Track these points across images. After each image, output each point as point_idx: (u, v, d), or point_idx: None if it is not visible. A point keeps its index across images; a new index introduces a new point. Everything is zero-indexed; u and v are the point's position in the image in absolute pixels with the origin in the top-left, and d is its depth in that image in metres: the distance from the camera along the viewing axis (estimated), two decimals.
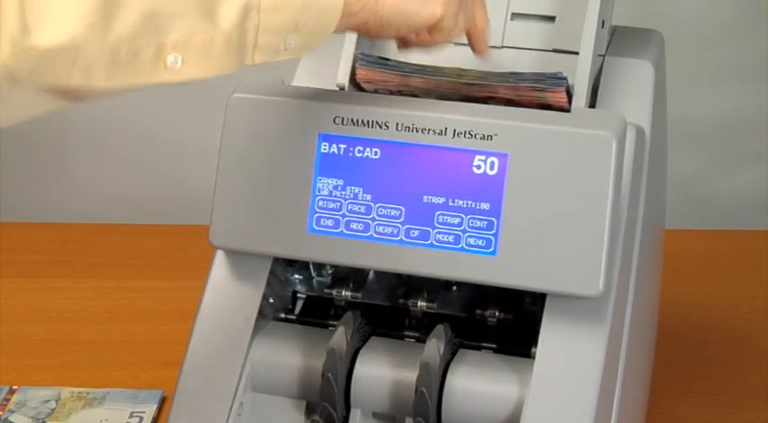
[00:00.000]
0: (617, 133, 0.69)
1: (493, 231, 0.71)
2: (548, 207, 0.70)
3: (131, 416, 1.00)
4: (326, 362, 0.72)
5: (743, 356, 1.05)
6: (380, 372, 0.73)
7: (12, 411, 1.00)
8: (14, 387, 1.03)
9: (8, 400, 1.02)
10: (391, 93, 0.75)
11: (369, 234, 0.72)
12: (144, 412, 1.00)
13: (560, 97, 0.72)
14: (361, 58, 0.74)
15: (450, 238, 0.71)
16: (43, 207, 1.39)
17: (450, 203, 0.71)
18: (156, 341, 1.08)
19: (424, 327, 0.77)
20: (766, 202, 1.36)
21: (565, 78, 0.71)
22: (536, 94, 0.72)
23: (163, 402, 1.01)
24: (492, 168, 0.71)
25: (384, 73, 0.74)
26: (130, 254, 1.25)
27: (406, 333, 0.77)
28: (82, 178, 1.39)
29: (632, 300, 0.75)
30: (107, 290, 1.18)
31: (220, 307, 0.75)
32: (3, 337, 1.11)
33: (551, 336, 0.71)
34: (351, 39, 0.76)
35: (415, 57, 0.73)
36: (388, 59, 0.74)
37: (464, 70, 0.74)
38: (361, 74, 0.75)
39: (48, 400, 1.02)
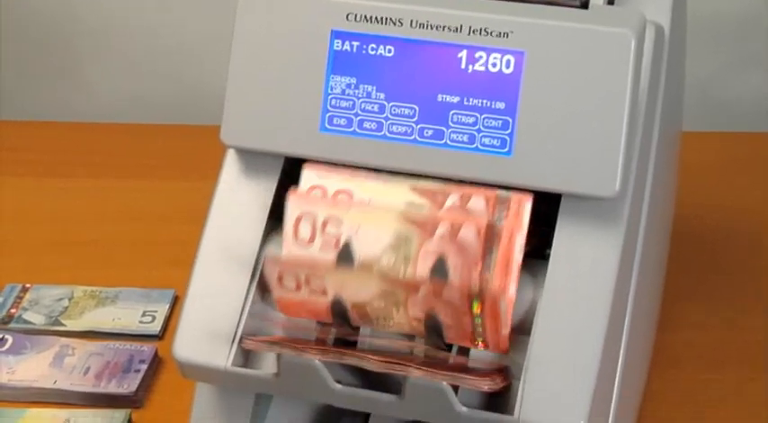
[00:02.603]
0: (636, 31, 0.68)
1: (508, 131, 0.70)
2: (564, 106, 0.69)
3: (144, 315, 1.00)
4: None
5: (756, 261, 1.04)
6: None
7: (25, 309, 1.01)
8: (27, 285, 1.03)
9: (21, 298, 1.02)
10: None
11: (382, 133, 0.72)
12: (156, 311, 1.00)
13: None
14: None
15: (465, 138, 0.71)
16: (50, 107, 1.38)
17: (465, 102, 0.71)
18: (166, 241, 1.08)
19: None
20: None
21: None
22: None
23: (175, 302, 1.01)
24: (508, 67, 0.70)
25: None
26: (139, 154, 1.25)
27: None
28: (89, 78, 1.38)
29: (648, 201, 0.74)
30: (115, 190, 1.18)
31: (232, 206, 0.75)
32: (11, 237, 1.11)
33: (566, 237, 0.70)
34: None
35: None
36: None
37: None
38: None
39: (61, 299, 1.02)
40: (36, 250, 1.09)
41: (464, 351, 0.72)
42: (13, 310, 1.00)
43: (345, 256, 0.70)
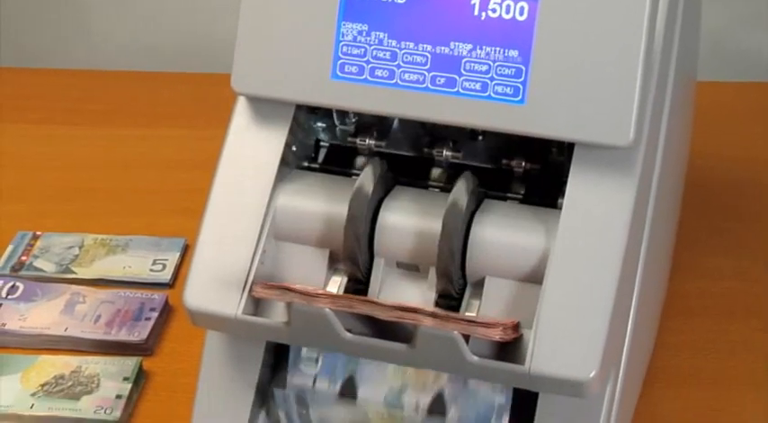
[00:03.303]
0: None
1: (521, 79, 0.69)
2: (578, 54, 0.68)
3: (154, 263, 1.00)
4: (350, 209, 0.71)
5: None
6: (404, 220, 0.72)
7: (36, 257, 1.01)
8: (38, 233, 1.03)
9: (32, 245, 1.02)
10: None
11: (394, 81, 0.71)
12: (167, 260, 1.00)
13: None
14: None
15: (478, 86, 0.70)
16: (60, 54, 1.37)
17: (478, 50, 0.70)
18: (176, 190, 1.08)
19: (449, 177, 0.75)
20: None
21: None
22: None
23: (185, 250, 1.01)
24: (521, 13, 0.69)
25: None
26: (149, 102, 1.24)
27: (431, 183, 0.76)
28: (100, 26, 1.37)
29: (662, 151, 0.73)
30: (125, 138, 1.18)
31: (242, 154, 0.74)
32: (21, 184, 1.11)
33: (579, 186, 0.69)
34: None
35: None
36: None
37: None
38: None
39: (71, 247, 1.02)
40: (46, 198, 1.09)
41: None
42: (23, 258, 1.00)
43: None
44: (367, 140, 0.77)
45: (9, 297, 0.95)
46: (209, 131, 0.82)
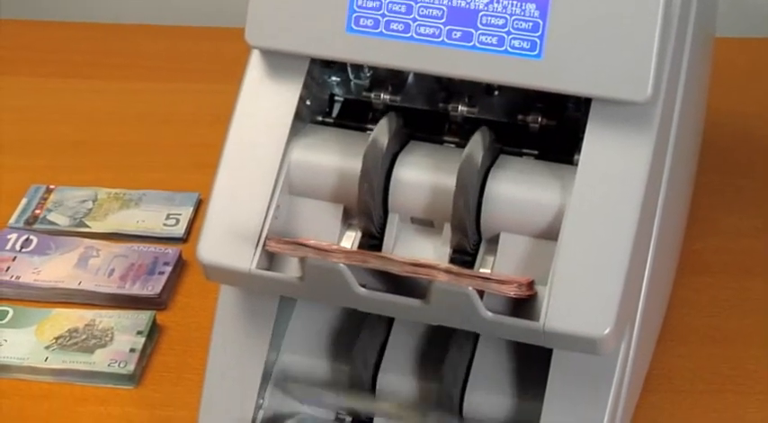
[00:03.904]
0: None
1: (538, 33, 0.68)
2: (596, 8, 0.67)
3: (168, 217, 1.00)
4: (364, 164, 0.71)
5: None
6: (419, 175, 0.72)
7: (49, 210, 1.01)
8: (51, 186, 1.03)
9: (46, 199, 1.02)
10: None
11: (409, 35, 0.70)
12: (180, 214, 1.00)
13: None
14: None
15: (494, 40, 0.69)
16: (78, 7, 1.37)
17: (495, 4, 0.69)
18: (189, 144, 1.08)
19: (464, 132, 0.75)
20: None
21: None
22: None
23: (199, 205, 1.01)
24: None
25: None
26: (163, 56, 1.24)
27: (446, 138, 0.75)
28: None
29: (680, 107, 0.73)
30: (138, 92, 1.17)
31: (256, 108, 0.74)
32: (34, 137, 1.10)
33: (595, 142, 0.69)
34: None
35: None
36: None
37: None
38: None
39: (85, 200, 1.02)
40: (59, 152, 1.09)
41: None
42: (37, 211, 1.00)
43: None
44: (382, 95, 0.76)
45: (23, 250, 0.95)
46: (224, 86, 0.81)
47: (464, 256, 0.72)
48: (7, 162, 1.07)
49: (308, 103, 0.75)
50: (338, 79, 0.77)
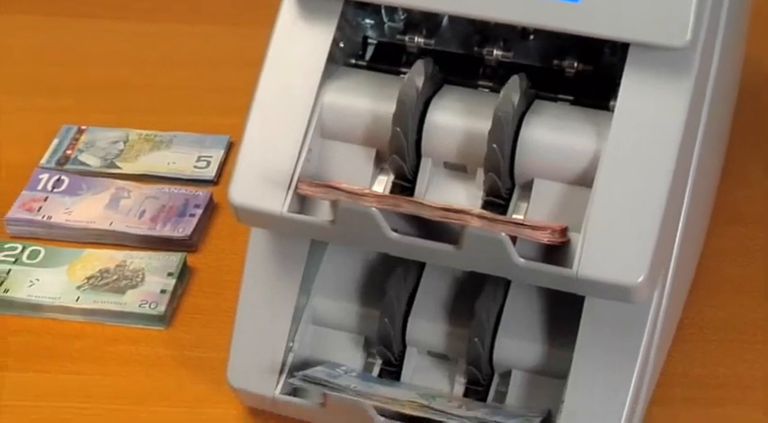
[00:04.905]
0: None
1: None
2: None
3: (198, 160, 1.00)
4: (398, 107, 0.70)
5: None
6: (453, 120, 0.71)
7: (81, 151, 1.01)
8: (83, 127, 1.03)
9: (77, 140, 1.02)
10: None
11: None
12: (211, 157, 1.00)
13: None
14: None
15: None
16: None
17: None
18: (220, 88, 1.07)
19: (498, 77, 0.74)
20: None
21: None
22: None
23: (229, 148, 1.01)
24: None
25: None
26: None
27: (481, 82, 0.75)
28: None
29: (718, 53, 0.72)
30: (169, 34, 1.16)
31: (289, 50, 0.73)
32: (65, 79, 1.10)
33: (632, 88, 0.68)
34: None
35: None
36: None
37: None
38: None
39: (116, 141, 1.02)
40: (90, 93, 1.08)
41: None
42: (69, 152, 1.00)
43: None
44: (416, 38, 0.75)
45: (55, 190, 0.95)
46: (255, 29, 0.80)
47: (497, 201, 0.72)
48: (37, 103, 1.07)
49: (341, 45, 0.74)
50: (372, 22, 0.77)
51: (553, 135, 0.70)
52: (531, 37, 0.74)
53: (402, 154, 0.72)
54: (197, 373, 0.82)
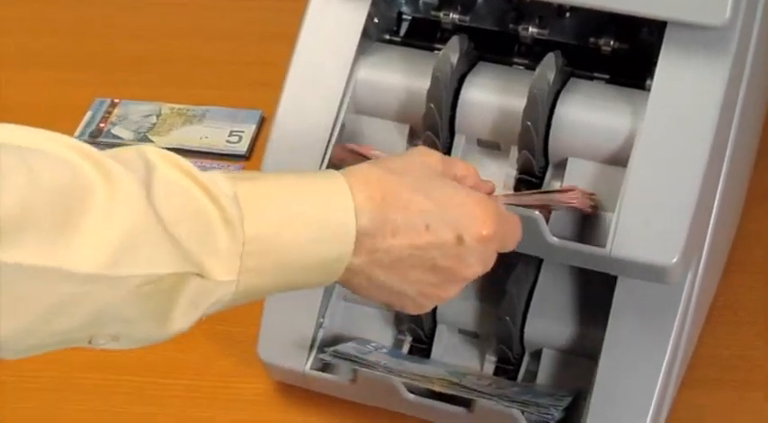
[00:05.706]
0: None
1: None
2: None
3: (231, 134, 0.99)
4: (432, 83, 0.70)
5: None
6: (488, 97, 0.71)
7: (114, 124, 1.01)
8: (116, 100, 1.03)
9: (110, 113, 1.02)
10: None
11: None
12: (243, 132, 1.00)
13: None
14: None
15: None
16: None
17: None
18: (252, 62, 1.07)
19: (533, 54, 0.74)
20: None
21: None
22: None
23: (261, 122, 1.00)
24: None
25: None
26: None
27: (516, 60, 0.74)
28: None
29: (757, 32, 0.71)
30: (201, 8, 1.16)
31: (323, 24, 0.73)
32: (95, 52, 1.10)
33: (669, 67, 0.67)
34: None
35: None
36: None
37: None
38: None
39: (149, 115, 1.02)
40: (123, 66, 1.08)
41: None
42: (102, 125, 1.00)
43: None
44: (451, 14, 0.75)
45: None
46: (289, 3, 0.80)
47: (530, 179, 0.71)
48: (70, 76, 1.07)
49: (375, 20, 0.74)
50: None
51: (588, 114, 0.69)
52: (568, 14, 0.74)
53: (436, 130, 0.71)
54: (226, 347, 0.82)
